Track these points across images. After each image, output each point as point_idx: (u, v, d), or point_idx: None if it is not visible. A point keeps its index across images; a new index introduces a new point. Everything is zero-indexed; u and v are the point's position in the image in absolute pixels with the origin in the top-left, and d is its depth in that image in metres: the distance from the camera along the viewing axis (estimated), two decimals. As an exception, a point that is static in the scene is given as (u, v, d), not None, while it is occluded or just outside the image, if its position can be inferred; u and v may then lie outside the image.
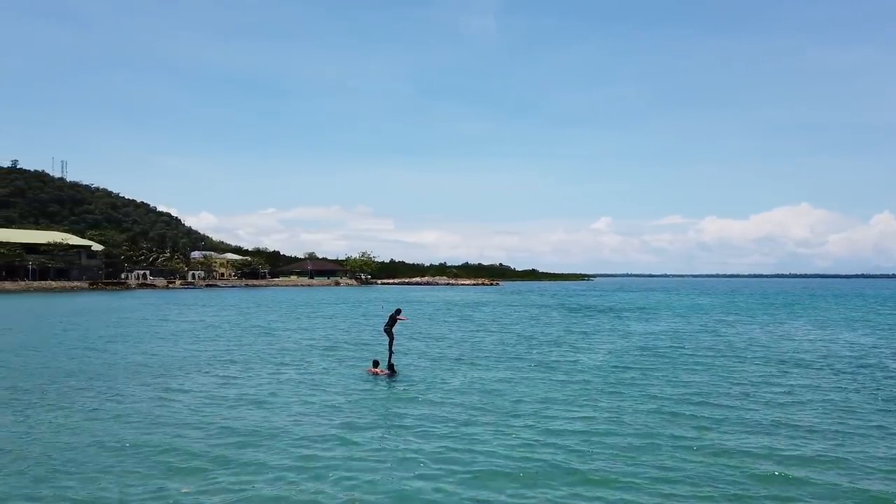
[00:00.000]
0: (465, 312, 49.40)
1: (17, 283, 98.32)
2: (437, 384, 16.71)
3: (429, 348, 24.78)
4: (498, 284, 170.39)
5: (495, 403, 14.21)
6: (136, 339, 28.14)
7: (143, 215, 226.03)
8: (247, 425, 12.16)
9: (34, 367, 19.53)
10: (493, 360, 21.30)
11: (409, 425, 12.27)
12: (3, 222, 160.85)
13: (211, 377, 17.81)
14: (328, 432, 11.67)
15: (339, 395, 15.33)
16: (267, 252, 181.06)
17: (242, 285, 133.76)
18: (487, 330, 33.39)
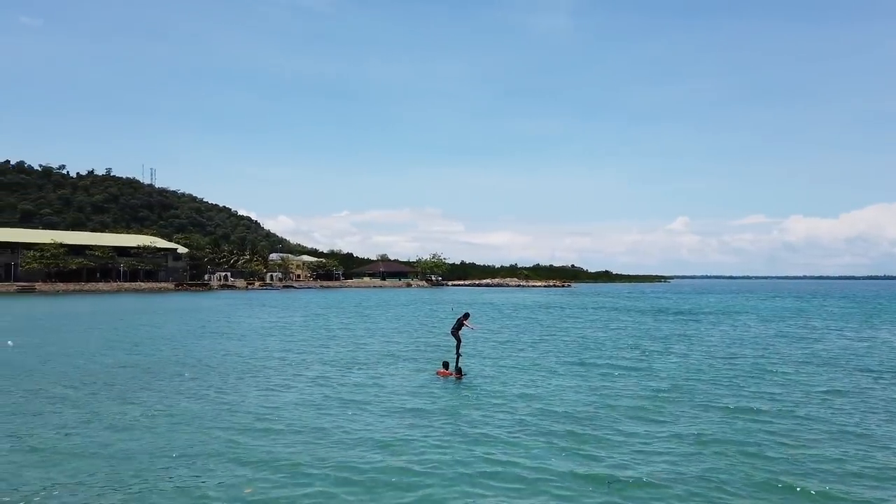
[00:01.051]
0: (534, 315, 48.68)
1: (110, 284, 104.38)
2: (503, 388, 16.35)
3: (496, 351, 24.41)
4: (569, 286, 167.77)
5: (561, 410, 13.72)
6: (223, 338, 29.12)
7: (225, 219, 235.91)
8: (313, 425, 12.18)
9: (143, 362, 20.45)
10: (562, 365, 20.72)
11: (474, 429, 11.97)
12: (98, 226, 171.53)
13: (283, 377, 18.08)
14: (392, 434, 11.53)
15: (407, 396, 15.21)
16: (341, 254, 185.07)
17: (317, 286, 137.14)
18: (556, 333, 32.68)
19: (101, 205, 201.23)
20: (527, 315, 48.65)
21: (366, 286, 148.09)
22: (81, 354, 22.91)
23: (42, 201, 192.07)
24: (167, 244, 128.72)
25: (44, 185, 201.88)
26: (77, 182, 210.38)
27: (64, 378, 17.73)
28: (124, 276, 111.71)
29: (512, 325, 38.14)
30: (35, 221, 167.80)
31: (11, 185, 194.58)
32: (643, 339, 29.44)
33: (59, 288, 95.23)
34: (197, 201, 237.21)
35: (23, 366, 20.06)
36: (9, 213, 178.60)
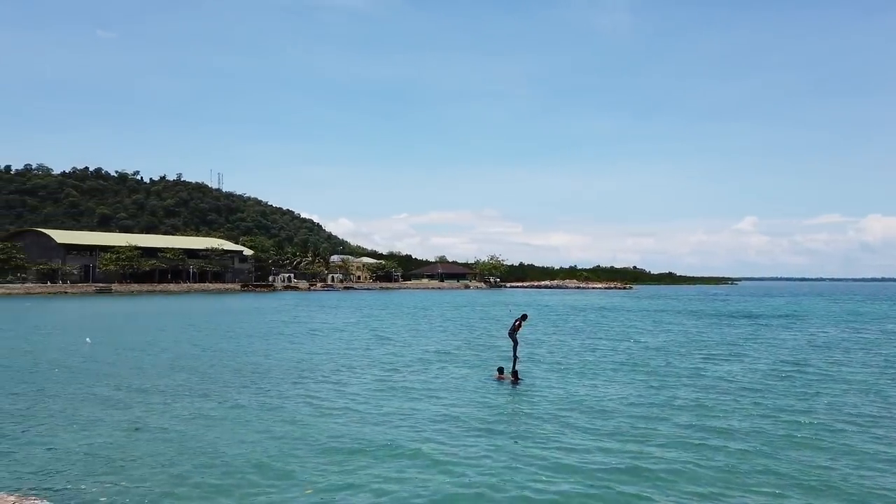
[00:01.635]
0: (593, 317, 47.97)
1: (180, 285, 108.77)
2: (560, 393, 16.20)
3: (554, 355, 24.19)
4: (631, 288, 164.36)
5: (618, 418, 13.50)
6: (285, 338, 29.98)
7: (288, 222, 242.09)
8: (367, 428, 12.40)
9: (210, 361, 21.33)
10: (620, 370, 20.36)
11: (529, 434, 11.93)
12: (170, 229, 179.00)
13: (340, 378, 18.45)
14: (445, 438, 11.62)
15: (462, 400, 15.28)
16: (400, 256, 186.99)
17: (377, 288, 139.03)
18: (616, 337, 32.11)
19: (172, 209, 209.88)
20: (585, 317, 47.99)
21: (424, 287, 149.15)
22: (152, 353, 24.00)
23: (118, 206, 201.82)
24: (234, 246, 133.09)
25: (120, 191, 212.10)
26: (150, 187, 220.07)
27: (135, 374, 18.62)
28: (193, 277, 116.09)
29: (570, 328, 37.70)
30: (112, 225, 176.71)
31: (90, 190, 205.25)
32: (706, 344, 28.59)
33: (134, 289, 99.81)
34: (262, 204, 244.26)
35: (99, 362, 21.17)
36: (88, 217, 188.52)
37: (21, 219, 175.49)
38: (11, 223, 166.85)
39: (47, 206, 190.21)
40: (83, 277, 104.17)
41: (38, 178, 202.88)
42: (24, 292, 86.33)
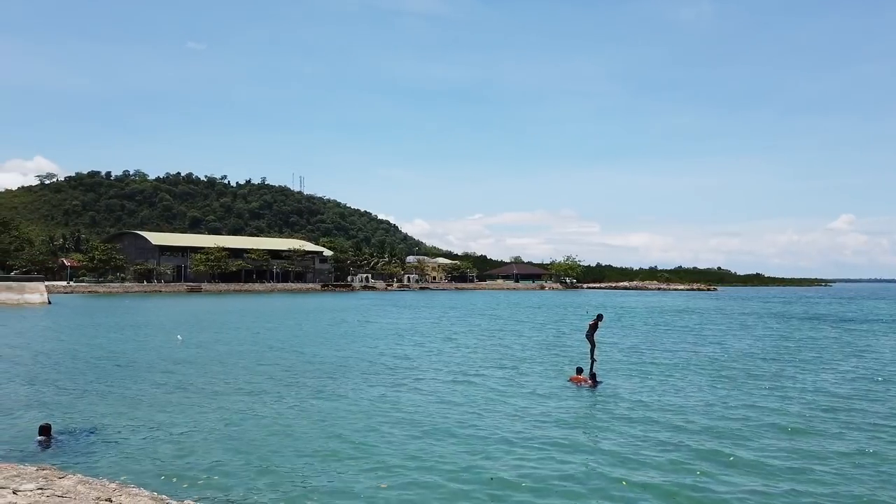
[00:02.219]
0: (674, 319, 46.46)
1: (265, 285, 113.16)
2: (638, 398, 15.84)
3: (632, 358, 23.65)
4: (715, 290, 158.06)
5: (700, 425, 13.06)
6: (367, 337, 30.75)
7: (365, 223, 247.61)
8: (442, 427, 12.55)
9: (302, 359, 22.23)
10: (702, 375, 19.66)
11: (606, 440, 11.75)
12: (255, 231, 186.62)
13: (416, 377, 18.75)
14: (520, 440, 11.61)
15: (537, 402, 15.21)
16: (474, 256, 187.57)
17: (452, 288, 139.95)
18: (697, 340, 30.99)
19: (257, 211, 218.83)
20: (665, 319, 46.57)
21: (499, 288, 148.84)
22: (241, 350, 25.12)
23: (207, 209, 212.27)
24: (314, 247, 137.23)
25: (209, 194, 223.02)
26: (237, 191, 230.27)
27: (223, 369, 19.58)
28: (277, 277, 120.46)
29: (650, 330, 36.72)
30: (201, 227, 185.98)
31: (182, 194, 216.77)
32: (795, 349, 27.19)
33: (222, 288, 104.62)
34: (340, 206, 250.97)
35: (189, 358, 22.37)
36: (180, 219, 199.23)
37: (120, 222, 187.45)
38: (112, 226, 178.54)
39: (143, 210, 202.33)
40: (176, 277, 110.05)
41: (136, 183, 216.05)
42: (123, 291, 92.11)
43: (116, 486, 5.48)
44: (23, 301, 58.08)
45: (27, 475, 5.36)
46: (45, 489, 5.12)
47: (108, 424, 12.63)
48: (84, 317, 44.62)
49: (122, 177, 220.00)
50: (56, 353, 23.79)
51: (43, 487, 5.19)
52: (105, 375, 18.78)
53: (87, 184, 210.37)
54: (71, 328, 35.19)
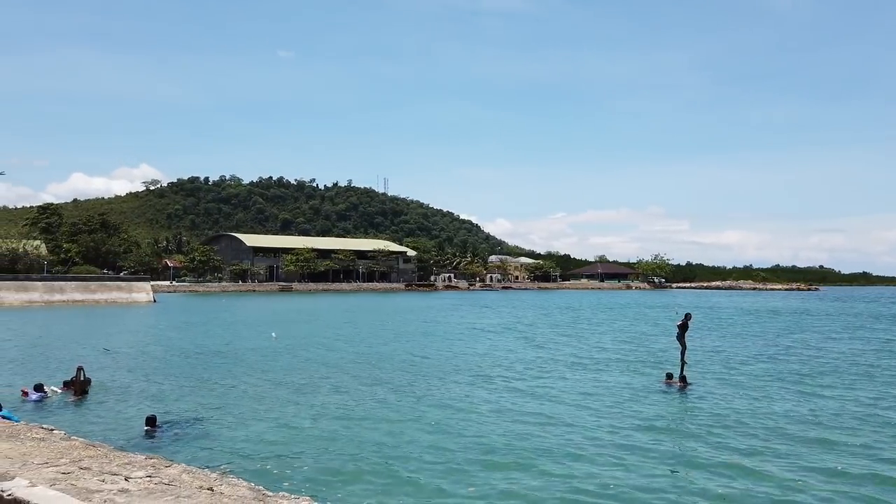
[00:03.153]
0: (771, 321, 44.02)
1: (351, 284, 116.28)
2: (730, 402, 15.09)
3: (725, 359, 22.57)
4: (816, 289, 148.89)
5: (792, 432, 12.28)
6: (452, 337, 31.02)
7: (448, 223, 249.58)
8: (529, 429, 12.42)
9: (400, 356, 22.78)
10: (798, 381, 18.48)
11: (696, 445, 11.26)
12: (341, 232, 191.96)
13: (502, 378, 18.68)
14: (609, 442, 11.31)
15: (627, 404, 14.79)
16: (557, 256, 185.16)
17: (535, 288, 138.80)
18: (795, 343, 29.21)
19: (343, 213, 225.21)
20: (762, 321, 44.22)
21: (583, 288, 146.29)
22: (329, 348, 25.88)
23: (297, 211, 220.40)
24: (398, 248, 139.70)
25: (298, 197, 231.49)
26: (324, 193, 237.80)
27: (315, 368, 20.21)
28: (362, 276, 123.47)
29: (743, 332, 34.97)
30: (291, 229, 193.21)
31: (274, 198, 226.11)
32: (912, 354, 25.14)
33: (311, 287, 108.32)
34: (423, 207, 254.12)
35: (283, 355, 23.25)
36: (272, 222, 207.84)
37: (217, 224, 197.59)
38: (210, 228, 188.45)
39: (238, 213, 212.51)
40: (268, 277, 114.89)
41: (231, 187, 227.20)
42: (220, 290, 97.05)
43: (217, 475, 5.74)
44: (131, 300, 62.27)
45: (137, 463, 5.70)
46: (153, 477, 5.42)
47: (208, 417, 13.29)
48: (186, 315, 47.31)
49: (219, 182, 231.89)
50: (162, 349, 25.32)
51: (151, 475, 5.50)
52: (206, 370, 19.81)
53: (188, 189, 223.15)
54: (175, 325, 37.38)
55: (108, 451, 6.19)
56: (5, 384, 16.79)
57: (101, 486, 5.23)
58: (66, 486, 5.12)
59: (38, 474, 5.39)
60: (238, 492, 5.48)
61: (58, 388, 15.62)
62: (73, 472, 5.63)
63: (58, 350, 24.47)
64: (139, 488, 5.22)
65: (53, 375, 17.56)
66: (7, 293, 56.46)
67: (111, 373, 18.99)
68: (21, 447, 6.13)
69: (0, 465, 5.13)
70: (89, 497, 4.85)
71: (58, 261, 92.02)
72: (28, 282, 59.93)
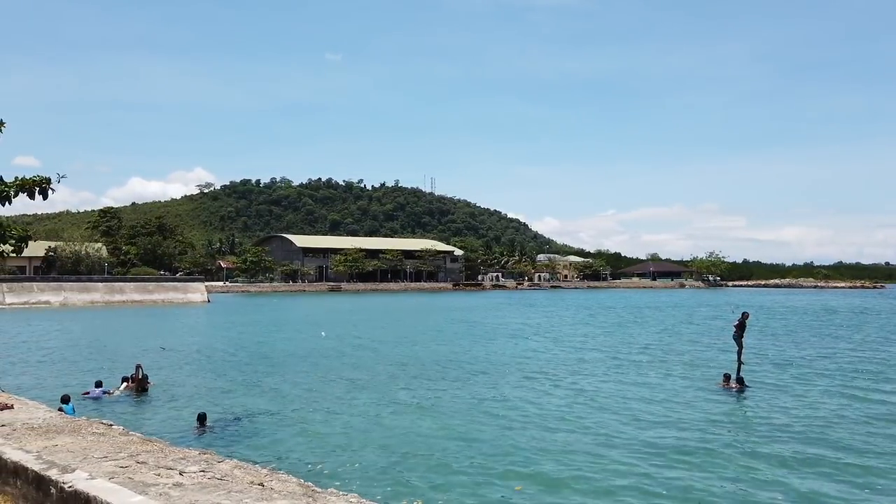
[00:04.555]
0: (831, 319, 42.24)
1: (399, 284, 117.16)
2: (791, 405, 14.55)
3: (787, 358, 21.78)
4: (883, 287, 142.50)
5: (851, 439, 11.71)
6: (501, 336, 30.91)
7: (495, 222, 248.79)
8: (582, 431, 12.24)
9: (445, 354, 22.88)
10: (864, 382, 17.66)
11: (752, 448, 10.87)
12: (389, 232, 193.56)
13: (554, 378, 18.48)
14: (667, 445, 11.04)
15: (682, 406, 14.42)
16: (608, 254, 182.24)
17: (584, 287, 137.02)
18: (859, 342, 27.94)
19: (390, 213, 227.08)
20: (823, 319, 42.51)
21: (635, 286, 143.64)
22: (376, 345, 26.09)
23: (346, 212, 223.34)
24: (445, 247, 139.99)
25: (346, 198, 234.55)
26: (372, 194, 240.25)
27: (363, 366, 20.39)
28: (410, 276, 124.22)
29: (803, 331, 33.68)
30: (340, 229, 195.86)
31: (323, 199, 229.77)
32: None
33: (360, 287, 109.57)
34: (470, 206, 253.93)
35: (333, 353, 23.53)
36: (321, 222, 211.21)
37: (269, 226, 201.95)
38: (261, 230, 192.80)
39: (289, 214, 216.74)
40: (318, 277, 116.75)
41: (282, 189, 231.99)
42: (272, 290, 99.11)
43: (268, 471, 5.81)
44: (186, 300, 64.21)
45: (191, 458, 5.81)
46: (206, 471, 5.51)
47: (260, 414, 13.55)
48: (239, 314, 48.46)
49: (270, 184, 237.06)
50: (215, 348, 25.98)
51: (205, 470, 5.59)
52: (258, 368, 20.23)
53: (240, 191, 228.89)
54: (228, 324, 38.32)
55: (164, 446, 6.37)
56: (69, 381, 17.49)
57: (157, 480, 5.35)
58: (124, 480, 5.25)
59: (98, 467, 5.55)
60: (288, 487, 5.54)
61: (119, 386, 16.18)
62: (131, 465, 5.78)
63: (118, 348, 25.38)
64: (193, 482, 5.31)
65: (114, 373, 18.20)
66: (71, 293, 58.99)
67: (168, 371, 19.58)
68: (82, 441, 6.35)
69: (62, 459, 5.32)
70: (145, 490, 4.97)
71: (117, 262, 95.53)
72: (90, 283, 62.47)
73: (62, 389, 14.67)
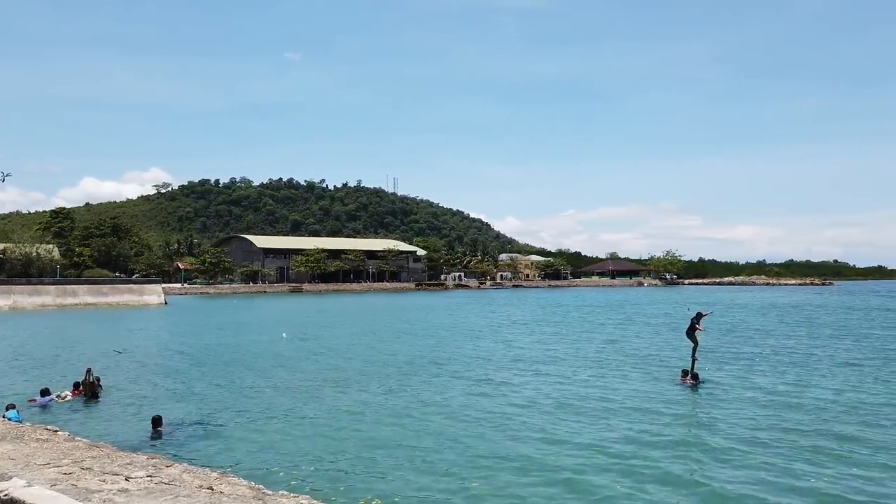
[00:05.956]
0: (783, 316, 43.64)
1: (361, 284, 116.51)
2: (740, 396, 15.00)
3: (735, 354, 22.43)
4: (831, 284, 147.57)
5: (806, 425, 12.17)
6: (465, 335, 31.01)
7: (458, 222, 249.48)
8: (540, 428, 12.40)
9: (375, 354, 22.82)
10: (811, 373, 18.33)
11: (704, 440, 11.18)
12: (351, 233, 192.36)
13: (514, 375, 18.65)
14: (619, 441, 11.27)
15: (637, 401, 14.73)
16: (568, 253, 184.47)
17: (545, 286, 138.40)
18: (806, 338, 28.95)
19: (353, 213, 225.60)
20: (770, 316, 43.87)
21: (594, 285, 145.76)
22: (336, 346, 25.94)
23: (307, 212, 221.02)
24: (408, 247, 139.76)
25: (308, 198, 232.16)
26: (334, 194, 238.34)
27: (321, 368, 20.26)
28: (372, 276, 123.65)
29: (753, 328, 34.72)
30: (302, 230, 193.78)
31: (284, 199, 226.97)
32: None
33: (321, 288, 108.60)
34: (433, 206, 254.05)
35: (292, 355, 23.32)
36: (282, 223, 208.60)
37: (228, 226, 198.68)
38: (221, 230, 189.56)
39: (249, 215, 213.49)
40: (279, 278, 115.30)
41: (241, 189, 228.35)
42: (231, 292, 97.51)
43: (218, 475, 5.76)
44: (143, 302, 62.74)
45: (138, 463, 5.72)
46: (153, 476, 5.44)
47: (215, 417, 13.36)
48: (197, 316, 47.58)
49: (230, 184, 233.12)
50: (172, 351, 25.48)
51: (152, 475, 5.51)
52: (215, 371, 19.92)
53: (199, 191, 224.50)
54: (185, 327, 37.60)
55: (111, 451, 6.23)
56: (18, 388, 16.95)
57: (102, 486, 5.26)
58: (67, 487, 5.15)
59: (40, 475, 5.42)
60: (238, 490, 5.49)
61: (68, 391, 15.73)
62: (75, 472, 5.67)
63: (70, 353, 24.68)
64: (139, 488, 5.24)
65: (64, 378, 17.71)
66: (21, 297, 57.08)
67: (121, 375, 19.13)
68: (25, 448, 6.18)
69: (1, 467, 5.16)
70: (89, 497, 4.88)
71: (70, 264, 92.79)
72: (41, 286, 60.54)
73: (8, 398, 14.23)
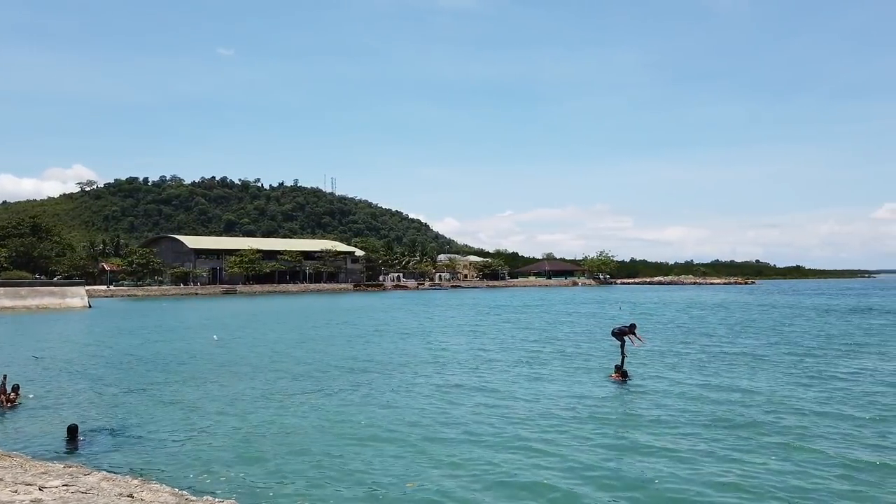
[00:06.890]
0: (709, 314, 45.62)
1: (298, 286, 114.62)
2: (670, 392, 15.64)
3: (665, 352, 23.33)
4: (753, 283, 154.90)
5: (731, 417, 12.83)
6: (398, 336, 30.95)
7: (397, 223, 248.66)
8: (472, 424, 12.56)
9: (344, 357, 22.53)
10: (740, 367, 19.30)
11: (630, 434, 11.62)
12: (288, 233, 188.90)
13: (450, 375, 18.80)
14: (546, 434, 11.56)
15: (567, 398, 15.12)
16: (506, 254, 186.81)
17: (483, 286, 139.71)
18: (734, 334, 30.40)
19: (289, 213, 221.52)
20: (698, 315, 45.79)
21: (531, 285, 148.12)
22: (271, 350, 25.50)
23: (242, 212, 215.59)
24: (346, 248, 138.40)
25: (243, 198, 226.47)
26: (270, 193, 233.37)
27: (251, 371, 19.89)
28: (310, 277, 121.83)
29: (681, 325, 36.16)
30: (236, 230, 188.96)
31: (217, 198, 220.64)
32: (834, 341, 26.50)
33: (256, 289, 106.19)
34: (372, 206, 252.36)
35: (222, 358, 22.78)
36: (215, 223, 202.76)
37: (157, 226, 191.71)
38: (150, 230, 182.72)
39: (180, 214, 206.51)
40: (211, 279, 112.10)
41: (172, 188, 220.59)
42: (161, 294, 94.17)
43: (139, 482, 5.62)
44: (65, 305, 59.83)
45: (54, 472, 5.52)
46: (69, 486, 5.27)
47: (136, 423, 12.94)
48: (123, 320, 45.77)
49: (160, 182, 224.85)
50: (94, 356, 24.45)
51: (68, 484, 5.34)
52: (139, 376, 19.25)
53: (126, 190, 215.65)
54: (109, 331, 36.12)
55: (24, 460, 5.97)
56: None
57: (13, 497, 5.05)
58: (-26, 499, 4.91)
59: (-56, 488, 5.16)
60: (160, 498, 5.37)
61: (-21, 399, 14.89)
62: (-16, 483, 5.40)
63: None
64: (54, 498, 5.06)
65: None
66: (-72, 301, 53.46)
67: (40, 381, 18.24)
68: (-72, 460, 5.85)
69: None
70: (-2, 509, 4.68)
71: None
72: (-48, 289, 56.90)
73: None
